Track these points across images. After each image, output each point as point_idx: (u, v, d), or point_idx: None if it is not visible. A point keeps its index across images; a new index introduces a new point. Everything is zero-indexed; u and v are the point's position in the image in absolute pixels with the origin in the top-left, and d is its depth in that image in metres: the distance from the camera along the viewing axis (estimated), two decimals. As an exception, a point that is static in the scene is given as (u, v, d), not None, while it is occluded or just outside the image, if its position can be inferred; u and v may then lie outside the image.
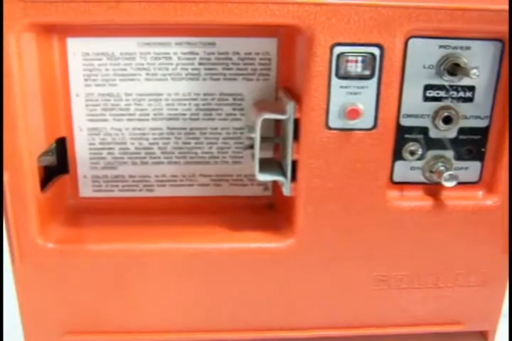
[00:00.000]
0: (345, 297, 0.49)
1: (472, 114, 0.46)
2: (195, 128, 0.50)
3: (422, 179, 0.47)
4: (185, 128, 0.50)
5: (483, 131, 0.46)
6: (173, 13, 0.40)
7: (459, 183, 0.45)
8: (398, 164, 0.47)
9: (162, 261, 0.47)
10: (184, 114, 0.50)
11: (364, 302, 0.50)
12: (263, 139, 0.45)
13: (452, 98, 0.45)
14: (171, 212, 0.51)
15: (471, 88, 0.45)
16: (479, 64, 0.44)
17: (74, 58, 0.47)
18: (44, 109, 0.46)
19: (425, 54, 0.43)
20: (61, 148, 0.50)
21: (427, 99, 0.45)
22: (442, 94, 0.45)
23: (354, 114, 0.42)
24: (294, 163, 0.45)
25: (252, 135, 0.45)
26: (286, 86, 0.48)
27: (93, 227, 0.50)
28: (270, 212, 0.53)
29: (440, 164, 0.46)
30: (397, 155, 0.46)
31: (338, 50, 0.41)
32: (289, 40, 0.47)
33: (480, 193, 0.48)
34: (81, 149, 0.50)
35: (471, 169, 0.48)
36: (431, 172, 0.47)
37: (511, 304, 0.53)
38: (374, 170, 0.45)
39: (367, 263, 0.48)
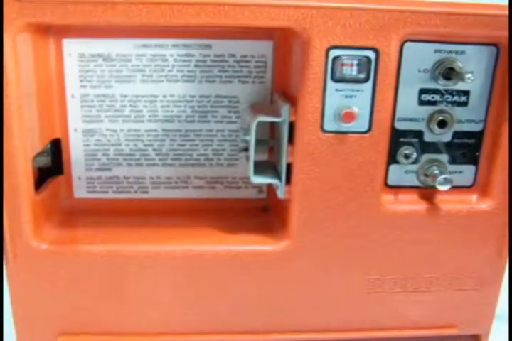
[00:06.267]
0: (339, 300, 0.49)
1: (467, 118, 0.46)
2: (191, 130, 0.50)
3: (416, 183, 0.47)
4: (180, 130, 0.50)
5: (478, 135, 0.47)
6: (169, 15, 0.40)
7: (453, 187, 0.46)
8: (393, 167, 0.47)
9: (156, 262, 0.47)
10: (179, 116, 0.50)
11: (358, 305, 0.50)
12: (258, 142, 0.45)
13: (447, 102, 0.45)
14: (165, 214, 0.51)
15: (466, 92, 0.45)
16: (474, 68, 0.44)
17: (70, 59, 0.47)
18: (39, 109, 0.46)
19: (420, 58, 0.44)
20: (56, 149, 0.49)
21: (421, 102, 0.45)
22: (437, 98, 0.45)
23: (349, 117, 0.42)
24: (289, 166, 0.45)
25: (247, 137, 0.45)
26: (282, 89, 0.48)
27: (87, 229, 0.50)
28: (265, 215, 0.53)
29: (434, 168, 0.46)
30: (392, 158, 0.46)
31: (333, 53, 0.41)
32: (284, 43, 0.47)
33: (474, 197, 0.48)
34: (76, 150, 0.50)
35: (466, 173, 0.48)
36: (425, 175, 0.47)
37: (511, 307, 0.53)
38: (369, 173, 0.45)
39: (361, 266, 0.48)
